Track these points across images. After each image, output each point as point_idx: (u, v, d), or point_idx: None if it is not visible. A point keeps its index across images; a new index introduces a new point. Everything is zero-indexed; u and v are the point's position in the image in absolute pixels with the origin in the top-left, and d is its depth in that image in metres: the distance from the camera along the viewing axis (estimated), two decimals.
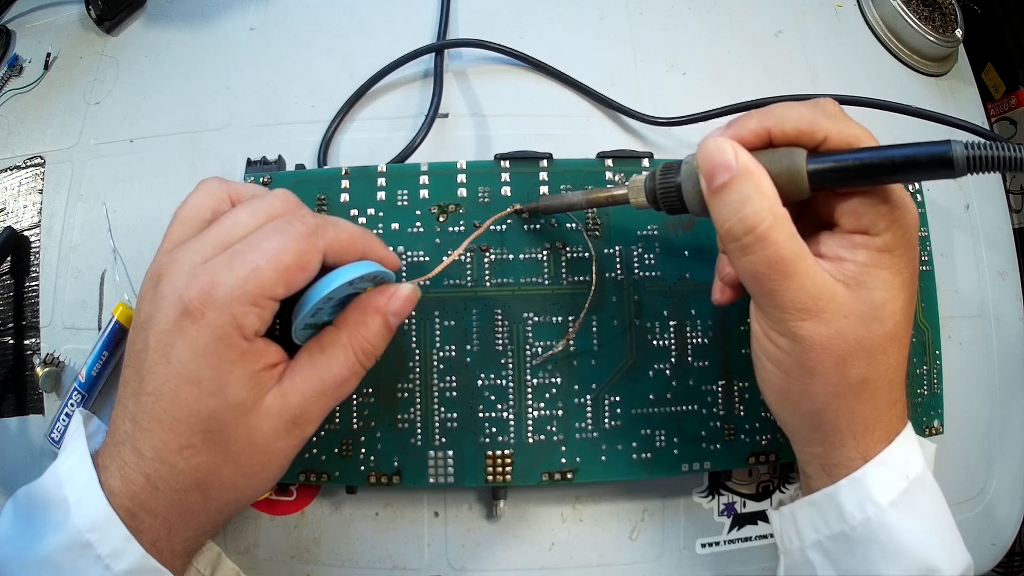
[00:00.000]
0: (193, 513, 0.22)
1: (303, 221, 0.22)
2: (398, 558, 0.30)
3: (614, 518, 0.31)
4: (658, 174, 0.24)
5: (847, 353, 0.22)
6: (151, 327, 0.21)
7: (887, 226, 0.22)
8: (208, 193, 0.24)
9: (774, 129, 0.22)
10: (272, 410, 0.22)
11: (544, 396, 0.29)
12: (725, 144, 0.21)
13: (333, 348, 0.24)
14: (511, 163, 0.30)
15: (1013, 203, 0.41)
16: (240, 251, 0.21)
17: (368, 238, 0.25)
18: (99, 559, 0.21)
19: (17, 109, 0.37)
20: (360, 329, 0.24)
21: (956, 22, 0.41)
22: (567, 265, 0.30)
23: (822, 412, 0.23)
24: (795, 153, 0.21)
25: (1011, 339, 0.38)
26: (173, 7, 0.38)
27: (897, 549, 0.22)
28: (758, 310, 0.23)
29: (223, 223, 0.23)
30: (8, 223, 0.35)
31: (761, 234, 0.20)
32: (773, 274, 0.21)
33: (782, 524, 0.26)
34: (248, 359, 0.21)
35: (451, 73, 0.35)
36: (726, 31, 0.38)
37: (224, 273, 0.21)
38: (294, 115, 0.35)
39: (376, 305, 0.24)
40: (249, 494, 0.24)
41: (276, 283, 0.21)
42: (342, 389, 0.24)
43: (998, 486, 0.36)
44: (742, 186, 0.21)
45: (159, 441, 0.21)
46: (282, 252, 0.21)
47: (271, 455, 0.23)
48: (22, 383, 0.33)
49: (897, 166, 0.20)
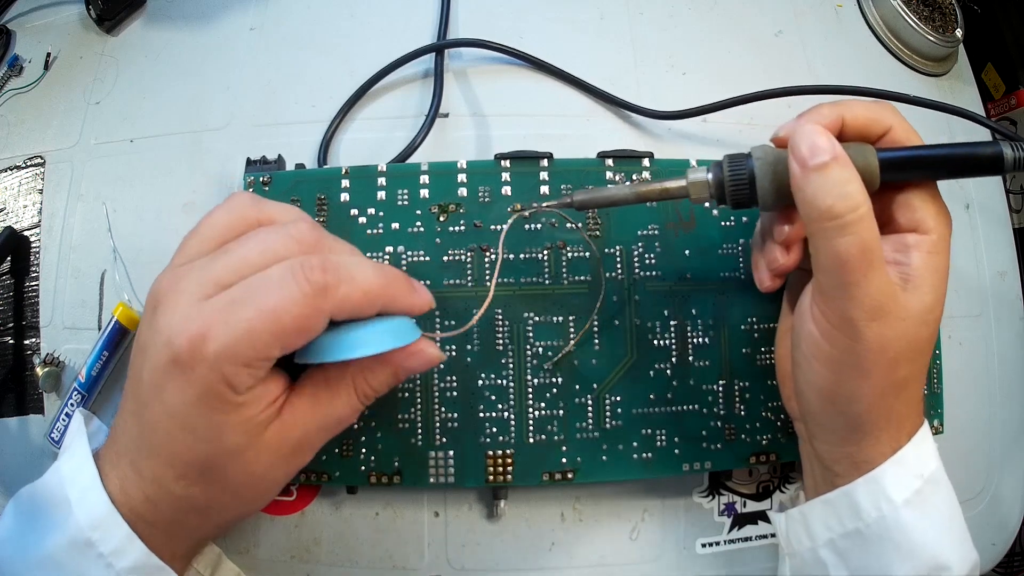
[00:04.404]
0: (192, 528, 0.23)
1: (311, 276, 0.20)
2: (398, 558, 0.30)
3: (614, 518, 0.31)
4: (726, 163, 0.23)
5: (900, 355, 0.22)
6: (146, 359, 0.21)
7: (935, 225, 0.23)
8: (233, 210, 0.23)
9: (847, 116, 0.23)
10: (272, 443, 0.22)
11: (545, 396, 0.29)
12: (820, 128, 0.22)
13: (338, 387, 0.23)
14: (511, 163, 0.30)
15: (1013, 203, 0.41)
16: (238, 300, 0.20)
17: (391, 290, 0.22)
18: (101, 557, 0.21)
19: (17, 109, 0.37)
20: (368, 375, 0.23)
21: (956, 22, 0.41)
22: (568, 265, 0.30)
23: (866, 412, 0.23)
24: (865, 147, 0.23)
25: (1011, 339, 0.38)
26: (173, 7, 0.38)
27: (910, 547, 0.23)
28: (820, 310, 0.23)
29: (231, 255, 0.21)
30: (8, 223, 0.34)
31: (863, 214, 0.21)
32: (861, 262, 0.21)
33: (789, 526, 0.26)
34: (243, 409, 0.21)
35: (451, 73, 0.35)
36: (726, 31, 0.38)
37: (217, 327, 0.20)
38: (294, 115, 0.35)
39: (390, 358, 0.23)
40: (251, 510, 0.24)
41: (271, 345, 0.20)
42: (341, 425, 0.24)
43: (998, 486, 0.36)
44: (843, 167, 0.21)
45: (157, 468, 0.21)
46: (281, 314, 0.20)
47: (270, 482, 0.23)
48: (22, 383, 0.33)
49: (957, 161, 0.23)
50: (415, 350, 0.23)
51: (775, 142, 0.24)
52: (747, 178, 0.23)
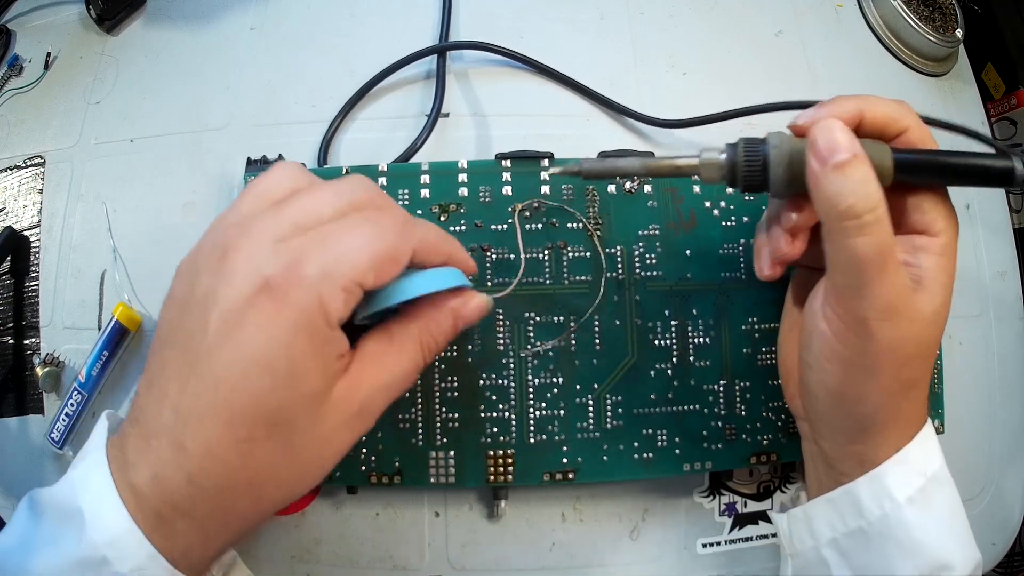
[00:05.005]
0: (237, 517, 0.20)
1: (394, 213, 0.21)
2: (399, 558, 0.30)
3: (615, 518, 0.31)
4: (741, 147, 0.23)
5: (910, 356, 0.22)
6: (213, 304, 0.19)
7: (944, 227, 0.23)
8: (286, 174, 0.22)
9: (867, 112, 0.23)
10: (340, 401, 0.21)
11: (545, 396, 0.29)
12: (840, 124, 0.21)
13: (403, 341, 0.22)
14: (512, 163, 0.30)
15: (1013, 203, 0.41)
16: (330, 233, 0.20)
17: (453, 242, 0.23)
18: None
19: (17, 109, 0.37)
20: (431, 325, 0.23)
21: (956, 22, 0.41)
22: (568, 265, 0.30)
23: (875, 412, 0.23)
24: (881, 145, 0.23)
25: (1011, 339, 0.38)
26: (173, 7, 0.38)
27: (912, 545, 0.23)
28: (833, 309, 0.23)
29: (304, 201, 0.21)
30: (8, 223, 0.34)
31: (881, 215, 0.21)
32: (877, 262, 0.21)
33: (792, 525, 0.26)
34: (327, 348, 0.20)
35: (452, 73, 0.35)
36: (726, 31, 0.38)
37: (314, 251, 0.19)
38: (294, 115, 0.35)
39: (452, 305, 0.23)
40: (297, 492, 0.22)
41: (368, 270, 0.20)
42: (406, 383, 0.23)
43: (998, 486, 0.36)
44: (863, 167, 0.21)
45: (211, 434, 0.19)
46: (376, 240, 0.20)
47: (331, 448, 0.21)
48: (22, 383, 0.33)
49: (967, 169, 0.23)
50: (468, 296, 0.23)
51: (793, 130, 0.23)
52: (761, 164, 0.23)
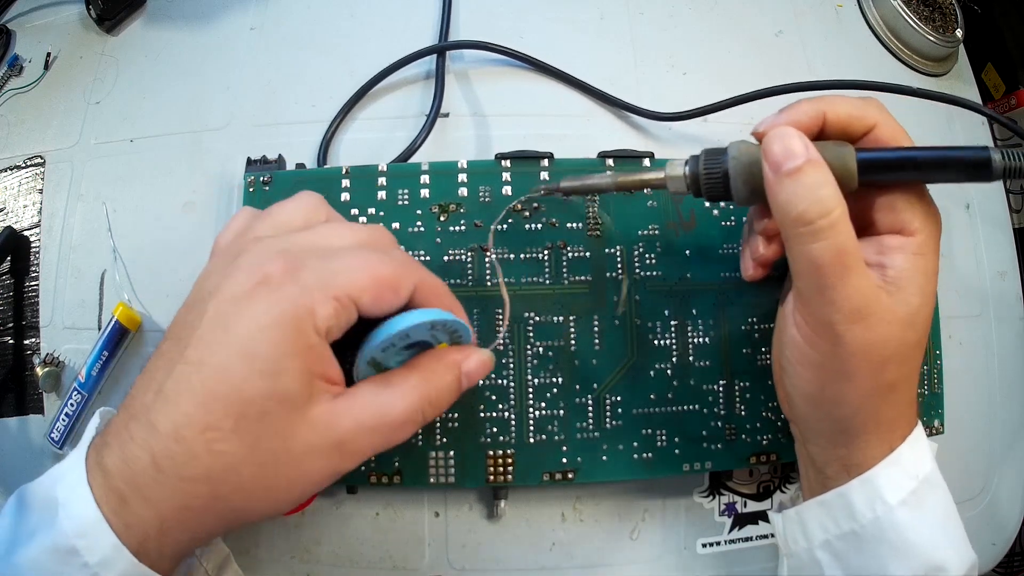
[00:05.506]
0: (193, 511, 0.20)
1: (400, 252, 0.23)
2: (398, 558, 0.30)
3: (614, 518, 0.31)
4: (702, 159, 0.23)
5: (886, 359, 0.22)
6: (214, 296, 0.20)
7: (921, 226, 0.22)
8: (305, 204, 0.23)
9: (829, 113, 0.22)
10: (318, 423, 0.20)
11: (545, 396, 0.29)
12: (793, 131, 0.21)
13: (401, 387, 0.22)
14: (512, 163, 0.30)
15: (1013, 203, 0.41)
16: (337, 251, 0.21)
17: (452, 298, 0.24)
18: (86, 567, 0.19)
19: (17, 109, 0.37)
20: (433, 377, 0.22)
21: (956, 22, 0.41)
22: (568, 265, 0.30)
23: (853, 416, 0.23)
24: (844, 146, 0.22)
25: (1011, 339, 0.38)
26: (173, 7, 0.38)
27: (905, 547, 0.23)
28: (801, 314, 0.23)
29: (318, 231, 0.22)
30: (8, 223, 0.34)
31: (836, 219, 0.20)
32: (836, 266, 0.21)
33: (786, 526, 0.26)
34: (310, 356, 0.20)
35: (452, 73, 0.35)
36: (726, 31, 0.38)
37: (317, 262, 0.20)
38: (294, 115, 0.35)
39: (453, 359, 0.23)
40: (260, 508, 0.21)
41: (365, 290, 0.20)
42: (397, 433, 0.22)
43: (998, 486, 0.36)
44: (816, 172, 0.21)
45: (182, 415, 0.19)
46: (379, 264, 0.21)
47: (300, 473, 0.20)
48: (22, 383, 0.33)
49: (940, 163, 0.21)
50: (470, 351, 0.23)
51: (756, 136, 0.23)
52: (721, 175, 0.23)
